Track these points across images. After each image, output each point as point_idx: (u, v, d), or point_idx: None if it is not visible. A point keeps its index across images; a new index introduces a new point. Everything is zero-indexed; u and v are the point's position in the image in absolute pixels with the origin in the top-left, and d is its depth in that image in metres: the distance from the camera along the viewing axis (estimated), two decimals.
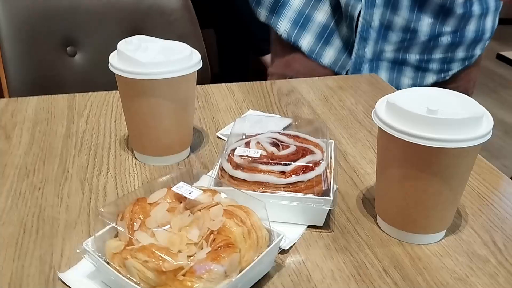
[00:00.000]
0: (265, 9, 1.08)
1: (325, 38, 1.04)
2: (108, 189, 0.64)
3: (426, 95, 0.54)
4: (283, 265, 0.53)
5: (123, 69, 0.63)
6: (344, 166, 0.70)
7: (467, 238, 0.58)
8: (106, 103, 0.86)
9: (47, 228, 0.57)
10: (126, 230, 0.47)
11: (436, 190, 0.52)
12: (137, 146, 0.70)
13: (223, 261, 0.44)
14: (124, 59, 0.63)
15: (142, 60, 0.62)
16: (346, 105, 0.88)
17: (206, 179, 0.59)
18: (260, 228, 0.49)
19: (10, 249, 0.54)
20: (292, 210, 0.57)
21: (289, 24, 1.04)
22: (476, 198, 0.64)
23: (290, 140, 0.64)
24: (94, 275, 0.50)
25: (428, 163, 0.51)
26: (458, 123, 0.49)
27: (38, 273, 0.51)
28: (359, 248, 0.56)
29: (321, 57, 1.05)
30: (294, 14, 1.03)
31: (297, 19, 1.03)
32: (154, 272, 0.44)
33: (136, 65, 0.62)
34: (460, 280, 0.52)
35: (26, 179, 0.65)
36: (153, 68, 0.62)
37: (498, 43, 3.70)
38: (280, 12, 1.05)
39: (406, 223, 0.55)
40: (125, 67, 0.63)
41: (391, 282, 0.51)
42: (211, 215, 0.48)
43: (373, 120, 0.54)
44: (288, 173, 0.57)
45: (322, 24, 1.02)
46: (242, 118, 0.70)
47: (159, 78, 0.62)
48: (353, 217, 0.60)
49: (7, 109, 0.83)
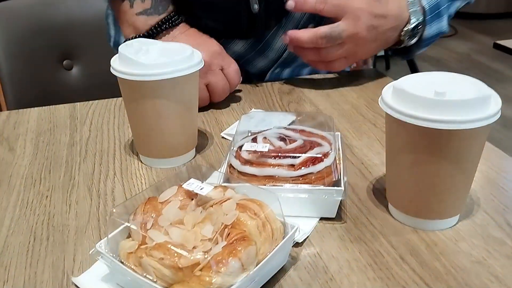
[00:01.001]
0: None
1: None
2: (116, 194, 0.63)
3: (431, 78, 0.54)
4: (298, 258, 0.52)
5: (126, 72, 0.62)
6: (351, 158, 0.70)
7: (481, 222, 0.57)
8: (108, 110, 0.86)
9: (58, 234, 0.56)
10: (139, 229, 0.47)
11: (448, 174, 0.52)
12: (143, 150, 0.69)
13: (239, 254, 0.44)
14: (126, 62, 0.63)
15: (144, 61, 0.62)
16: (348, 100, 0.88)
17: (214, 177, 0.58)
18: (274, 221, 0.48)
19: (21, 257, 0.53)
20: (303, 203, 0.56)
21: None
22: (486, 183, 0.64)
23: (297, 134, 0.64)
24: (108, 278, 0.50)
25: (438, 147, 0.50)
26: (467, 104, 0.49)
27: (52, 279, 0.50)
28: (374, 237, 0.55)
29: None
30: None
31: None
32: (170, 269, 0.43)
33: (139, 67, 0.62)
34: (478, 263, 0.51)
35: (32, 188, 0.65)
36: (156, 69, 0.62)
37: (492, 38, 3.72)
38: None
39: (419, 210, 0.55)
40: (128, 69, 0.62)
41: (408, 269, 0.51)
42: (224, 210, 0.48)
43: (380, 107, 0.53)
44: (297, 165, 0.57)
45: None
46: (247, 115, 0.70)
47: (162, 78, 0.62)
48: (365, 207, 0.60)
49: (8, 121, 0.83)
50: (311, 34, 0.83)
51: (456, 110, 0.48)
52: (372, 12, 0.82)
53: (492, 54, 3.51)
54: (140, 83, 0.62)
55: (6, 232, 0.57)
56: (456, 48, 3.79)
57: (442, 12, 0.88)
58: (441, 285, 0.49)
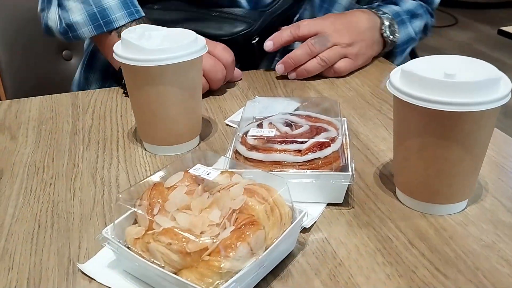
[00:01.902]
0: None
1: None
2: (121, 181, 0.63)
3: (440, 61, 0.53)
4: (306, 243, 0.52)
5: (129, 58, 0.61)
6: (357, 144, 0.69)
7: (490, 206, 0.57)
8: (110, 99, 0.85)
9: (62, 222, 0.56)
10: (146, 215, 0.46)
11: (458, 157, 0.51)
12: (147, 137, 0.68)
13: (248, 238, 0.43)
14: (129, 48, 0.62)
15: (147, 47, 0.61)
16: (352, 87, 0.87)
17: (220, 163, 0.58)
18: (282, 205, 0.48)
19: (26, 244, 0.53)
20: (310, 188, 0.56)
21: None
22: (494, 168, 0.63)
23: (302, 120, 0.63)
24: (114, 264, 0.49)
25: (448, 130, 0.50)
26: (477, 85, 0.48)
27: (57, 266, 0.50)
28: (382, 222, 0.55)
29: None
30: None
31: None
32: (178, 254, 0.43)
33: (142, 52, 0.61)
34: (488, 247, 0.51)
35: (36, 176, 0.64)
36: (160, 54, 0.61)
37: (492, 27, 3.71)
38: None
39: (428, 194, 0.54)
40: (131, 55, 0.61)
41: (418, 254, 0.50)
42: (231, 195, 0.47)
43: (389, 90, 0.53)
44: (304, 150, 0.56)
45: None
46: (252, 101, 0.69)
47: (166, 64, 0.61)
48: (372, 193, 0.59)
49: (10, 110, 0.82)
50: (302, 46, 0.87)
51: (467, 92, 0.48)
52: (343, 20, 0.90)
53: (492, 43, 3.49)
54: (143, 68, 0.61)
55: (10, 220, 0.56)
56: (457, 37, 3.77)
57: (405, 20, 0.96)
58: (451, 270, 0.48)
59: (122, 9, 0.83)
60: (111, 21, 0.82)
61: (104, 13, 0.82)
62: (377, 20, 0.92)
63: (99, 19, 0.83)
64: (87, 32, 0.84)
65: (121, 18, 0.83)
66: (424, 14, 1.00)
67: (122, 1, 0.83)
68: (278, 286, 0.47)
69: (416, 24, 0.98)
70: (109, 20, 0.82)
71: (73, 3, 0.84)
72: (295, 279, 0.48)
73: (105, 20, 0.82)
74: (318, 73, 0.89)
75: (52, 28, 0.88)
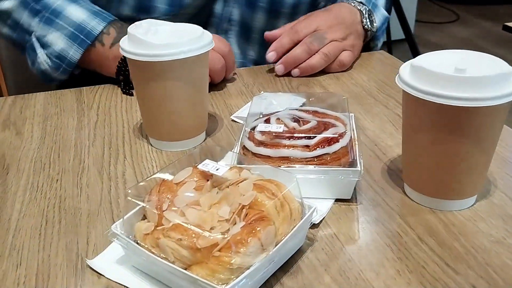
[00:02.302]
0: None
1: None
2: (127, 177, 0.62)
3: (450, 56, 0.53)
4: (315, 239, 0.52)
5: (136, 52, 0.61)
6: (365, 140, 0.69)
7: (499, 202, 0.56)
8: (115, 94, 0.85)
9: (70, 218, 0.56)
10: (155, 210, 0.46)
11: (468, 153, 0.51)
12: (152, 132, 0.68)
13: (259, 234, 0.43)
14: (136, 42, 0.62)
15: (154, 42, 0.61)
16: (358, 83, 0.87)
17: (227, 159, 0.57)
18: (292, 200, 0.48)
19: (33, 240, 0.52)
20: (319, 184, 0.55)
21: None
22: (502, 163, 0.63)
23: (310, 115, 0.63)
24: (123, 260, 0.49)
25: (459, 125, 0.49)
26: (488, 80, 0.48)
27: (66, 262, 0.50)
28: (391, 218, 0.54)
29: None
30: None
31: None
32: (188, 250, 0.43)
33: (149, 47, 0.61)
34: (498, 243, 0.51)
35: (42, 172, 0.64)
36: (167, 49, 0.60)
37: (494, 23, 3.70)
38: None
39: (437, 190, 0.54)
40: (138, 50, 0.61)
41: (428, 249, 0.50)
42: (240, 190, 0.47)
43: (398, 85, 0.52)
44: (312, 146, 0.56)
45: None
46: (259, 97, 0.68)
47: (173, 59, 0.60)
48: (380, 189, 0.59)
49: (14, 105, 0.82)
50: (300, 45, 0.88)
51: (478, 87, 0.47)
52: (332, 16, 0.91)
53: (494, 39, 3.48)
54: (150, 63, 0.61)
55: (17, 216, 0.56)
56: (458, 33, 3.76)
57: (375, 3, 0.99)
58: (462, 265, 0.48)
59: (94, 18, 0.85)
60: (90, 31, 0.84)
61: (80, 28, 0.84)
62: (357, 12, 0.93)
63: (79, 35, 0.84)
64: (75, 52, 0.84)
65: (97, 25, 0.84)
66: None
67: (91, 12, 0.85)
68: (288, 282, 0.47)
69: (382, 1, 1.02)
70: (87, 31, 0.84)
71: (51, 36, 0.85)
72: (305, 275, 0.47)
73: (85, 33, 0.84)
74: (322, 68, 0.89)
75: (47, 71, 0.88)
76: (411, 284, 0.46)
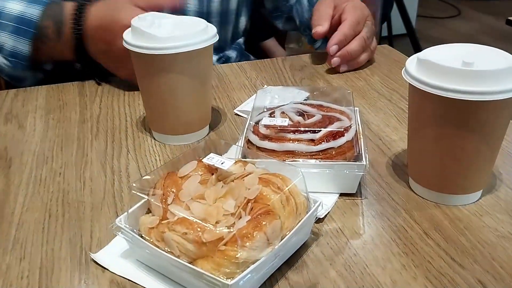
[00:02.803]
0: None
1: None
2: (131, 170, 0.62)
3: (456, 49, 0.52)
4: (320, 233, 0.51)
5: (139, 45, 0.61)
6: (369, 134, 0.69)
7: (505, 196, 0.56)
8: (117, 87, 0.84)
9: (73, 211, 0.55)
10: (160, 204, 0.46)
11: (475, 147, 0.51)
12: (156, 126, 0.68)
13: (265, 228, 0.42)
14: (139, 35, 0.61)
15: (158, 35, 0.60)
16: (361, 76, 0.87)
17: (231, 153, 0.57)
18: (298, 195, 0.47)
19: (37, 234, 0.52)
20: (324, 178, 0.55)
21: None
22: (508, 158, 0.63)
23: (314, 109, 0.62)
24: (127, 254, 0.49)
25: (466, 119, 0.49)
26: (496, 74, 0.47)
27: (70, 256, 0.49)
28: (396, 213, 0.54)
29: None
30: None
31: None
32: (194, 244, 0.42)
33: (153, 40, 0.60)
34: (504, 238, 0.50)
35: (45, 165, 0.63)
36: (171, 42, 0.60)
37: (496, 18, 3.68)
38: None
39: (443, 184, 0.54)
40: (142, 43, 0.61)
41: (433, 244, 0.50)
42: (246, 184, 0.47)
43: (404, 79, 0.52)
44: (317, 140, 0.56)
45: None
46: (263, 90, 0.68)
47: (178, 52, 0.60)
48: (385, 183, 0.59)
49: (16, 99, 0.81)
50: (357, 39, 0.86)
51: (485, 80, 0.47)
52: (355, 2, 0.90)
53: (496, 34, 3.47)
54: (154, 56, 0.61)
55: (20, 209, 0.56)
56: (460, 28, 3.75)
57: None
58: (468, 260, 0.48)
59: (31, 5, 0.79)
60: (30, 20, 0.79)
61: (19, 19, 0.79)
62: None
63: (20, 26, 0.79)
64: (24, 45, 0.80)
65: (35, 11, 0.79)
66: None
67: (27, 1, 0.80)
68: (293, 276, 0.46)
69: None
70: (27, 20, 0.79)
71: (1, 36, 0.80)
72: (310, 269, 0.47)
73: (25, 23, 0.79)
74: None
75: (9, 72, 0.84)
76: (417, 278, 0.46)
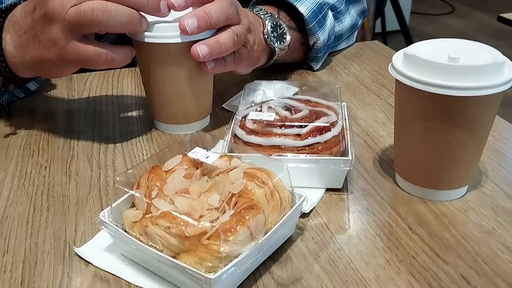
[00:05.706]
0: None
1: None
2: (117, 165, 0.62)
3: (443, 45, 0.52)
4: (305, 228, 0.51)
5: (143, 34, 0.60)
6: (357, 130, 0.69)
7: (490, 192, 0.56)
8: (106, 82, 0.84)
9: (58, 205, 0.55)
10: (144, 198, 0.45)
11: (461, 142, 0.51)
12: (158, 115, 0.68)
13: (248, 222, 0.42)
14: None
15: (161, 24, 0.60)
16: (351, 72, 0.87)
17: (218, 147, 0.57)
18: (282, 189, 0.47)
19: (21, 228, 0.52)
20: (310, 173, 0.55)
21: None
22: (494, 154, 0.63)
23: (302, 104, 0.62)
24: (111, 248, 0.49)
25: (452, 114, 0.49)
26: (481, 69, 0.47)
27: (53, 249, 0.49)
28: (381, 208, 0.54)
29: None
30: None
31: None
32: (177, 238, 0.42)
33: (156, 29, 0.60)
34: (488, 233, 0.50)
35: (31, 159, 0.63)
36: (174, 31, 0.59)
37: (490, 15, 3.70)
38: None
39: (429, 180, 0.54)
40: (146, 32, 0.60)
41: (418, 239, 0.50)
42: (231, 178, 0.46)
43: (391, 74, 0.52)
44: (304, 135, 0.56)
45: None
46: (251, 85, 0.68)
47: (180, 41, 0.60)
48: (372, 178, 0.59)
49: None
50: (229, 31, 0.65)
51: (471, 76, 0.47)
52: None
53: (489, 31, 3.48)
54: (156, 45, 0.60)
55: (5, 203, 0.55)
56: (453, 25, 3.76)
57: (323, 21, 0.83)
58: (451, 255, 0.48)
59: None
60: None
61: None
62: (259, 19, 0.76)
63: None
64: None
65: None
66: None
67: None
68: (278, 270, 0.46)
69: (331, 19, 0.87)
70: None
71: None
72: (294, 264, 0.47)
73: None
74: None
75: None
76: (400, 273, 0.46)
